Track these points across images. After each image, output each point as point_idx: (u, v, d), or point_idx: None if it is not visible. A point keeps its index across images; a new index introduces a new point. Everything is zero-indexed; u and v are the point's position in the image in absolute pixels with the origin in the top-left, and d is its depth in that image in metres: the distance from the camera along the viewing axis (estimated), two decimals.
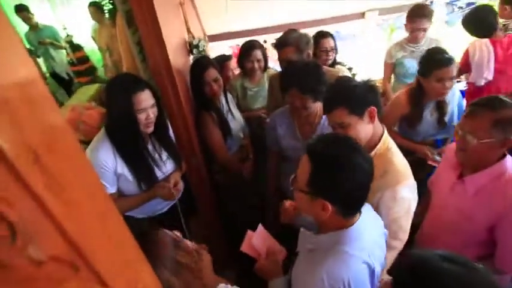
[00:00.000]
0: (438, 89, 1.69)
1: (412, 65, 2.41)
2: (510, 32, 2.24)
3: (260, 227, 1.22)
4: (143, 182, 1.40)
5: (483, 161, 1.15)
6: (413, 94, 1.82)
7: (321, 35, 2.26)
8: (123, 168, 1.35)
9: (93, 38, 3.81)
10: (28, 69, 0.27)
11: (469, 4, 4.49)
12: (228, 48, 5.14)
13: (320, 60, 2.22)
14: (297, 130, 1.67)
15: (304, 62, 1.52)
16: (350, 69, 2.77)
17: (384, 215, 1.12)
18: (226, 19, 3.94)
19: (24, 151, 0.23)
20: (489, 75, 2.20)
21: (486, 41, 2.16)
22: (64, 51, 4.01)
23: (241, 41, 5.16)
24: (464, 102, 2.63)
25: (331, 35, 2.27)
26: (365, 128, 1.19)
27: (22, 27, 4.08)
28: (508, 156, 1.14)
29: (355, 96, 1.15)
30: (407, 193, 1.15)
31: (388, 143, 1.24)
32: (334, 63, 2.35)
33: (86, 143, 1.69)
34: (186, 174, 1.75)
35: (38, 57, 3.98)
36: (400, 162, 1.20)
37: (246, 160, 2.05)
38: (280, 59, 1.77)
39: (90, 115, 2.03)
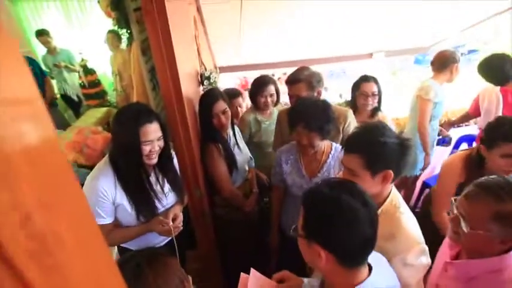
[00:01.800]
0: (502, 165, 1.42)
1: (442, 108, 2.38)
2: None
3: (252, 271, 1.11)
4: (142, 214, 1.35)
5: (478, 251, 0.98)
6: (472, 164, 1.56)
7: (363, 79, 2.20)
8: (122, 199, 1.31)
9: (111, 64, 3.91)
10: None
11: (470, 51, 4.61)
12: (235, 79, 5.26)
13: (359, 105, 2.20)
14: (302, 167, 1.63)
15: (314, 99, 1.52)
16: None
17: None
18: (236, 52, 4.05)
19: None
20: None
21: (497, 89, 2.17)
22: (77, 74, 4.11)
23: (249, 74, 5.32)
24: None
25: (374, 80, 2.17)
26: (373, 186, 1.09)
27: (41, 50, 4.24)
28: None
29: (378, 153, 1.05)
30: (418, 260, 1.06)
31: (396, 201, 1.15)
32: (377, 109, 2.23)
33: (87, 167, 1.67)
34: (188, 206, 1.69)
35: (53, 78, 4.07)
36: (410, 225, 1.10)
37: (249, 194, 1.99)
38: (291, 95, 1.78)
39: (95, 139, 2.02)
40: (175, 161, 1.51)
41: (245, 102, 2.62)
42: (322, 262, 0.79)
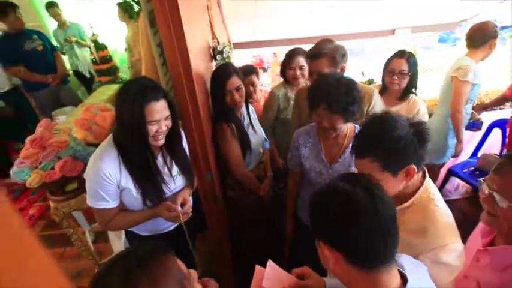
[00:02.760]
0: None
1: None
2: None
3: (270, 263, 1.00)
4: (149, 199, 1.27)
5: None
6: None
7: (396, 54, 1.96)
8: (127, 182, 1.22)
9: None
10: None
11: (502, 28, 4.24)
12: (250, 57, 5.06)
13: (387, 83, 1.99)
14: (322, 152, 1.51)
15: (337, 76, 1.35)
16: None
17: None
18: (252, 27, 3.86)
19: None
20: None
21: None
22: (88, 49, 4.02)
23: (263, 51, 5.11)
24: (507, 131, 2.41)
25: (409, 57, 1.91)
26: (397, 185, 0.99)
27: (52, 24, 4.15)
28: None
29: (394, 151, 0.93)
30: (452, 259, 0.95)
31: (431, 191, 1.03)
32: (407, 91, 2.00)
33: (97, 145, 1.59)
34: (198, 189, 1.62)
35: (64, 54, 4.00)
36: (445, 218, 0.99)
37: (264, 178, 1.90)
38: (311, 71, 1.62)
39: (103, 117, 1.94)
40: (184, 141, 1.42)
41: (260, 81, 2.48)
42: (330, 263, 0.72)
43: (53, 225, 2.42)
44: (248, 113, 1.81)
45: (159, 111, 1.15)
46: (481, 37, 2.05)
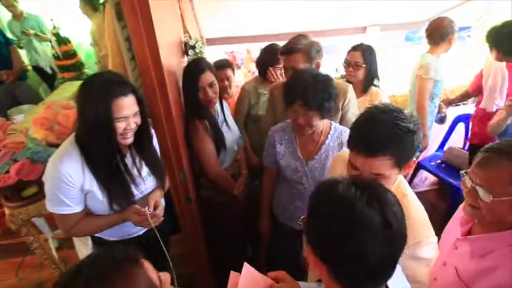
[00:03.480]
0: None
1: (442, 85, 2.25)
2: None
3: (246, 266, 0.96)
4: (116, 202, 1.18)
5: (498, 222, 0.92)
6: None
7: (351, 48, 2.02)
8: (92, 185, 1.13)
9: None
10: None
11: (462, 28, 4.47)
12: (223, 54, 4.97)
13: (346, 75, 2.04)
14: (298, 149, 1.49)
15: (313, 72, 1.33)
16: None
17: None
18: (225, 23, 3.78)
19: None
20: (501, 101, 2.08)
21: (502, 65, 2.03)
22: (49, 43, 3.75)
23: (238, 48, 5.04)
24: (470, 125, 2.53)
25: (363, 49, 1.96)
26: (394, 180, 0.98)
27: (6, 14, 3.83)
28: None
29: (408, 145, 0.89)
30: (428, 253, 0.97)
31: (403, 187, 1.05)
32: (368, 83, 2.02)
33: (59, 145, 1.47)
34: (170, 189, 1.54)
35: (21, 48, 3.71)
36: (419, 214, 1.01)
37: (239, 176, 1.85)
38: (287, 67, 1.59)
39: (66, 115, 1.80)
40: (155, 140, 1.34)
41: (235, 76, 2.41)
42: (316, 272, 0.67)
43: (10, 234, 2.23)
44: (222, 110, 1.76)
45: (128, 107, 1.07)
46: (439, 34, 2.15)
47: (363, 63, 1.95)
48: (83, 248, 1.86)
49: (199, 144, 1.64)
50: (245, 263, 0.97)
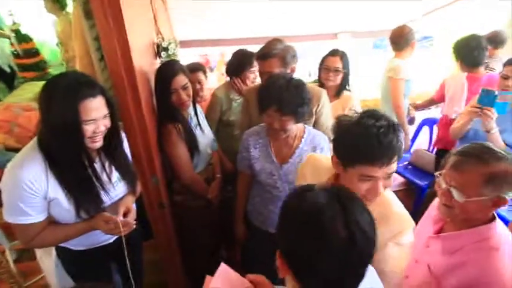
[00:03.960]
0: None
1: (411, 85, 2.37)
2: (489, 70, 2.30)
3: (222, 265, 0.96)
4: (84, 210, 1.12)
5: (469, 220, 0.99)
6: None
7: (330, 52, 2.05)
8: (56, 192, 1.06)
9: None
10: None
11: (424, 38, 4.75)
12: (196, 56, 4.91)
13: (322, 80, 2.05)
14: (272, 153, 1.50)
15: (287, 77, 1.35)
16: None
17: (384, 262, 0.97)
18: (198, 26, 3.74)
19: None
20: (459, 109, 2.23)
21: (463, 76, 2.17)
22: (7, 40, 3.51)
23: (211, 50, 5.00)
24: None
25: (342, 55, 2.01)
26: None
27: None
28: (498, 221, 0.99)
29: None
30: (409, 239, 1.03)
31: None
32: (342, 88, 2.07)
33: (19, 149, 1.38)
34: (142, 195, 1.49)
35: None
36: (399, 204, 1.07)
37: (212, 181, 1.83)
38: (262, 72, 1.60)
39: (28, 118, 1.70)
40: (125, 144, 1.29)
41: (207, 79, 2.38)
42: (281, 273, 0.69)
43: None
44: (196, 113, 1.73)
45: (96, 109, 1.01)
46: (404, 39, 2.32)
47: (342, 68, 2.00)
48: (46, 259, 1.74)
49: (172, 148, 1.60)
50: (222, 263, 0.96)
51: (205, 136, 1.77)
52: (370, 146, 0.88)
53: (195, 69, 2.20)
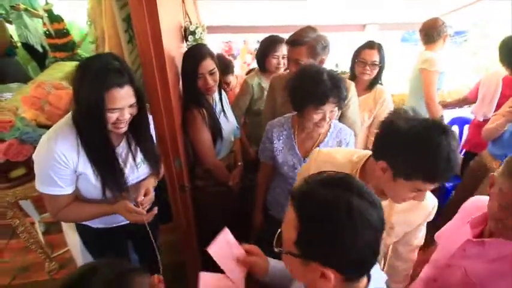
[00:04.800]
0: None
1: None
2: None
3: (226, 231, 1.01)
4: (108, 187, 1.14)
5: None
6: None
7: (367, 45, 1.94)
8: (85, 167, 1.09)
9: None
10: None
11: (457, 33, 4.52)
12: (219, 43, 4.88)
13: (357, 74, 1.96)
14: (296, 145, 1.47)
15: (319, 70, 1.28)
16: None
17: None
18: (223, 11, 3.71)
19: None
20: (488, 112, 2.11)
21: (500, 77, 2.04)
22: (40, 20, 3.61)
23: (234, 38, 4.95)
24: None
25: (379, 48, 1.92)
26: None
27: None
28: None
29: None
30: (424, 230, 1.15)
31: None
32: (375, 82, 2.00)
33: (49, 127, 1.42)
34: (164, 176, 1.51)
35: (10, 22, 3.55)
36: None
37: (234, 168, 1.83)
38: (290, 59, 1.56)
39: (58, 96, 1.74)
40: (151, 127, 1.30)
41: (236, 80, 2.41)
42: (330, 285, 0.63)
43: None
44: (220, 99, 1.72)
45: (122, 98, 1.01)
46: (436, 32, 2.22)
47: (379, 62, 1.92)
48: (71, 233, 1.81)
49: (195, 133, 1.61)
50: (226, 228, 1.02)
51: (229, 123, 1.76)
52: (438, 167, 0.81)
53: (224, 71, 2.18)
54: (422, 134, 0.82)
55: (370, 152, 1.01)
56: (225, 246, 0.97)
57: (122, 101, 1.02)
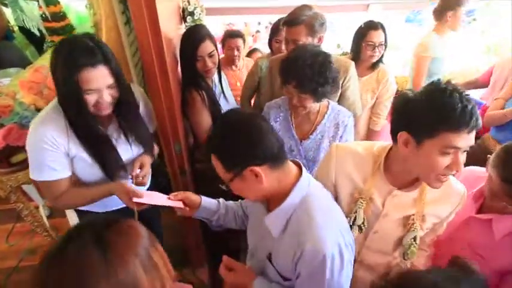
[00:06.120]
0: None
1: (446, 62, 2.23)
2: None
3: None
4: (105, 166, 1.16)
5: None
6: None
7: (371, 26, 1.89)
8: (78, 149, 1.10)
9: None
10: None
11: (468, 12, 4.38)
12: (220, 24, 4.78)
13: (364, 56, 1.94)
14: (293, 128, 1.46)
15: (313, 52, 1.26)
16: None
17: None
18: None
19: None
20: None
21: None
22: (36, 3, 3.53)
23: (235, 20, 4.84)
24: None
25: (382, 28, 1.89)
26: None
27: None
28: None
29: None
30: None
31: None
32: (378, 62, 1.98)
33: None
34: (166, 162, 1.52)
35: (5, 5, 3.48)
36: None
37: None
38: (288, 39, 1.52)
39: None
40: (143, 107, 1.29)
41: (244, 48, 2.42)
42: (262, 181, 0.81)
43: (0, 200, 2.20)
44: (220, 81, 1.70)
45: (97, 79, 0.98)
46: (444, 6, 2.12)
47: (384, 42, 1.90)
48: (74, 216, 1.84)
49: (195, 115, 1.60)
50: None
51: (229, 105, 1.75)
52: (455, 109, 0.77)
53: (236, 35, 2.25)
54: (433, 91, 0.82)
55: (390, 143, 1.00)
56: (155, 195, 1.14)
57: (96, 81, 0.99)
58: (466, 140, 0.80)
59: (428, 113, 0.81)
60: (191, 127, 1.65)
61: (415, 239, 1.01)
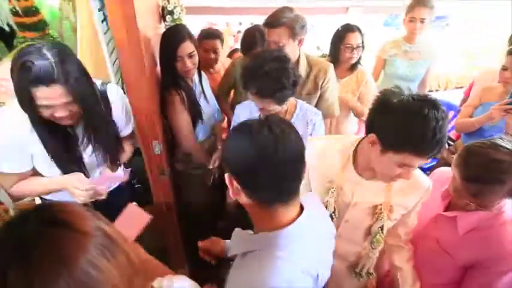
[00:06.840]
0: None
1: (402, 66, 2.29)
2: None
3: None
4: (62, 164, 1.15)
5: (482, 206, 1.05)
6: None
7: (348, 29, 1.94)
8: (38, 146, 1.09)
9: None
10: None
11: (439, 18, 4.57)
12: (202, 25, 4.73)
13: (343, 58, 1.98)
14: None
15: (270, 57, 1.26)
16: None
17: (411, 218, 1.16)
18: None
19: None
20: None
21: (496, 70, 2.00)
22: None
23: (216, 19, 4.81)
24: None
25: (359, 30, 1.95)
26: None
27: None
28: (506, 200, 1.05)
29: None
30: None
31: None
32: (357, 63, 2.03)
33: None
34: (145, 162, 1.49)
35: None
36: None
37: (214, 151, 1.82)
38: (270, 41, 1.53)
39: None
40: (120, 109, 1.29)
41: (223, 49, 2.30)
42: (236, 192, 0.74)
43: None
44: (200, 81, 1.69)
45: (49, 98, 0.95)
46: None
47: (362, 44, 1.96)
48: None
49: (174, 115, 1.58)
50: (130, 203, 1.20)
51: (209, 106, 1.74)
52: (425, 139, 0.83)
53: (212, 35, 2.08)
54: (411, 105, 0.85)
55: (361, 136, 1.06)
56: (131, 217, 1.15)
57: (51, 99, 0.95)
58: (423, 161, 0.89)
59: (400, 132, 0.86)
60: (170, 127, 1.63)
61: (382, 228, 1.09)
